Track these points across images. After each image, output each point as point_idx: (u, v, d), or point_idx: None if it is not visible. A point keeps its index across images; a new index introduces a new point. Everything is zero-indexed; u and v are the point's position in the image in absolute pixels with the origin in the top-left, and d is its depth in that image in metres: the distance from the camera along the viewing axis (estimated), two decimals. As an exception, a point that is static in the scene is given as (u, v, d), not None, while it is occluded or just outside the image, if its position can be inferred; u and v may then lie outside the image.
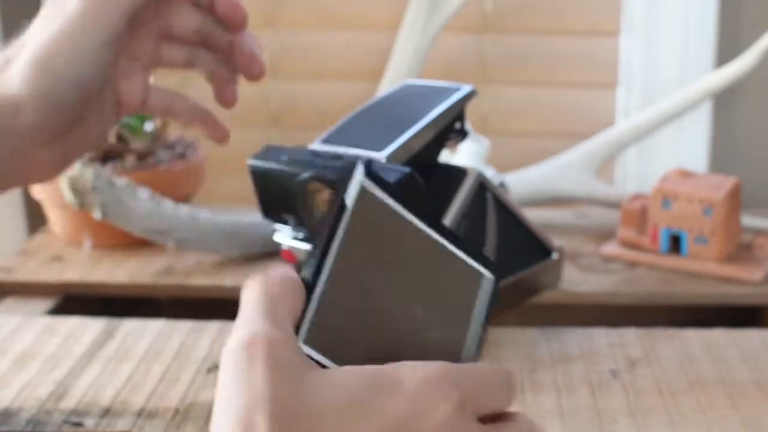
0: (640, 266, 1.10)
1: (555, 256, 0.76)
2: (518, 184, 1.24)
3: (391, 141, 0.68)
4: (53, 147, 0.62)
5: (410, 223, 0.45)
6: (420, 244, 0.45)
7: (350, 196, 0.44)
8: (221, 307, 0.90)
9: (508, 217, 0.73)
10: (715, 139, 1.42)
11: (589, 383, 0.75)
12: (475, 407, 0.44)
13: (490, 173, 1.19)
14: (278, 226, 0.75)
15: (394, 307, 0.45)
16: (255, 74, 0.67)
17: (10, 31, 1.47)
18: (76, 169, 1.07)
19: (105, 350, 0.78)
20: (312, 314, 0.45)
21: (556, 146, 1.33)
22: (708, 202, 1.06)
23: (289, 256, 0.75)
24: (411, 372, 0.43)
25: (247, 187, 0.78)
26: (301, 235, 0.73)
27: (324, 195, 0.69)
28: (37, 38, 0.62)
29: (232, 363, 0.43)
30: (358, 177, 0.45)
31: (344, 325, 0.45)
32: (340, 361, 0.44)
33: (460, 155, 1.17)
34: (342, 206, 0.45)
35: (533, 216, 1.31)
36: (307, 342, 0.44)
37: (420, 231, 0.45)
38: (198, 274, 0.99)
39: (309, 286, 0.45)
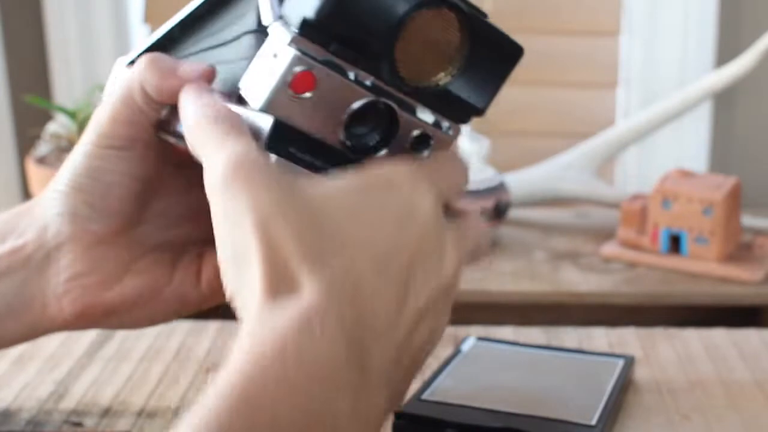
0: (640, 266, 1.10)
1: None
2: (518, 184, 1.24)
3: None
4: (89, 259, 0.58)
5: None
6: None
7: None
8: (221, 306, 0.89)
9: None
10: (715, 139, 1.42)
11: (589, 383, 0.75)
12: (446, 197, 0.49)
13: (490, 173, 1.19)
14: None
15: None
16: None
17: (10, 30, 1.47)
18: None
19: (105, 350, 0.78)
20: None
21: (556, 146, 1.34)
22: (708, 202, 1.06)
23: (307, 78, 0.49)
24: (395, 170, 0.47)
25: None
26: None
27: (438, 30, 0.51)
28: None
29: (223, 191, 0.43)
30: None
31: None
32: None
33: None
34: None
35: (533, 216, 1.31)
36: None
37: None
38: (198, 274, 0.99)
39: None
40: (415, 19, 0.49)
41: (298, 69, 0.48)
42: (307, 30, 0.48)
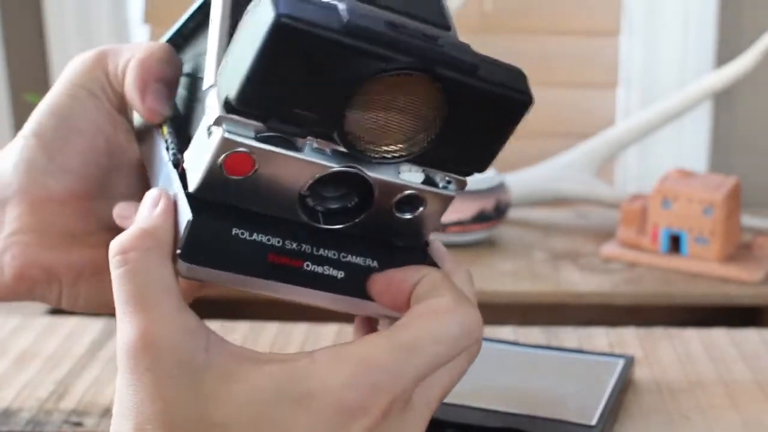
0: (640, 266, 1.10)
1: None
2: (518, 184, 1.24)
3: None
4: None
5: None
6: None
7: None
8: (220, 306, 0.89)
9: None
10: (715, 139, 1.42)
11: (589, 383, 0.75)
12: (405, 402, 0.40)
13: (490, 173, 1.19)
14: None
15: None
16: None
17: (10, 30, 1.47)
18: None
19: (105, 350, 0.78)
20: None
21: (556, 146, 1.34)
22: (708, 202, 1.06)
23: (243, 160, 0.41)
24: (322, 382, 0.39)
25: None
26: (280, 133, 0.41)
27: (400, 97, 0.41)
28: None
29: (120, 372, 0.40)
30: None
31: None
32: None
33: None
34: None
35: (533, 216, 1.31)
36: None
37: None
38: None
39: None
40: (368, 89, 0.39)
41: (230, 151, 0.40)
42: (235, 108, 0.39)
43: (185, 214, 0.41)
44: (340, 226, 0.44)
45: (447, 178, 0.44)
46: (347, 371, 0.39)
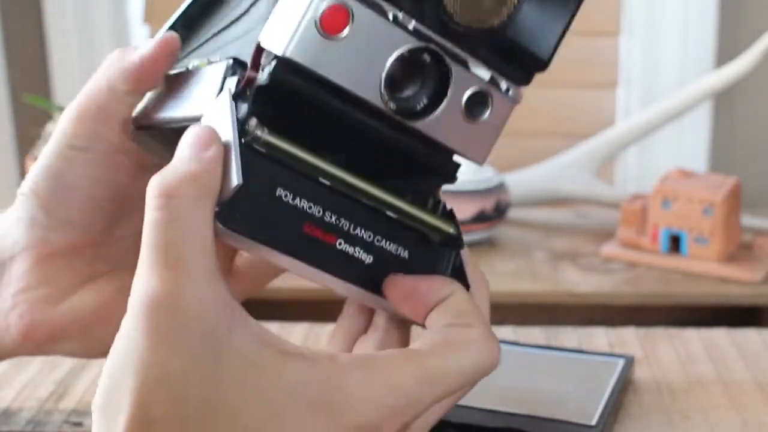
0: (640, 266, 1.10)
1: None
2: (518, 184, 1.24)
3: None
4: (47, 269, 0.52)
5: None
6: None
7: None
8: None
9: None
10: (715, 139, 1.42)
11: (589, 383, 0.75)
12: (408, 425, 0.40)
13: (490, 173, 1.19)
14: None
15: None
16: None
17: (10, 30, 1.47)
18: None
19: (105, 350, 0.78)
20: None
21: (556, 146, 1.34)
22: (708, 202, 1.06)
23: (340, 14, 0.41)
24: (344, 394, 0.37)
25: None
26: None
27: None
28: None
29: (132, 322, 0.36)
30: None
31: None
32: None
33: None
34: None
35: (533, 216, 1.31)
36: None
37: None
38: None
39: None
40: None
41: (330, 3, 0.40)
42: None
43: (235, 174, 0.39)
44: (416, 122, 0.44)
45: (506, 85, 0.46)
46: (372, 390, 0.38)
